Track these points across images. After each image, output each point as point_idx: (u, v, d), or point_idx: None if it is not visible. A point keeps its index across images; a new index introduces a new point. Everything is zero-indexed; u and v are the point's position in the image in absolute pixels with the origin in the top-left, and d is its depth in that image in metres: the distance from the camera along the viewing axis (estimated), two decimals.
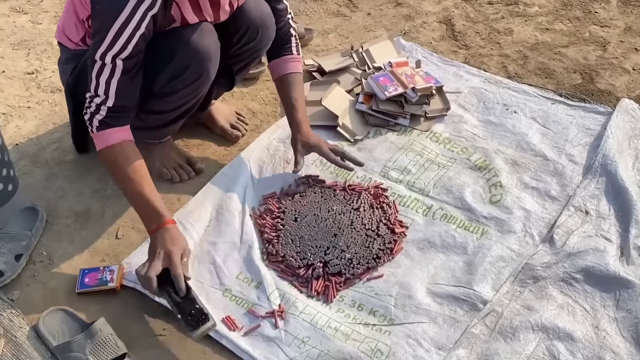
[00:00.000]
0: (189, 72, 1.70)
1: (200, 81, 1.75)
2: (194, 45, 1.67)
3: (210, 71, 1.75)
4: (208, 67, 1.73)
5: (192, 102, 1.81)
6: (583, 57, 2.51)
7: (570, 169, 2.01)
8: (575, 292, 1.68)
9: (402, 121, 2.17)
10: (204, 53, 1.69)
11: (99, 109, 1.62)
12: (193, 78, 1.72)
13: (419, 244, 1.81)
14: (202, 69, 1.72)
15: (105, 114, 1.62)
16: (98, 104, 1.61)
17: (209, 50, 1.71)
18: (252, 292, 1.69)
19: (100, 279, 1.69)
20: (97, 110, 1.62)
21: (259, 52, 1.95)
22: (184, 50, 1.66)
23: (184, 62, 1.68)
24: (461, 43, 2.60)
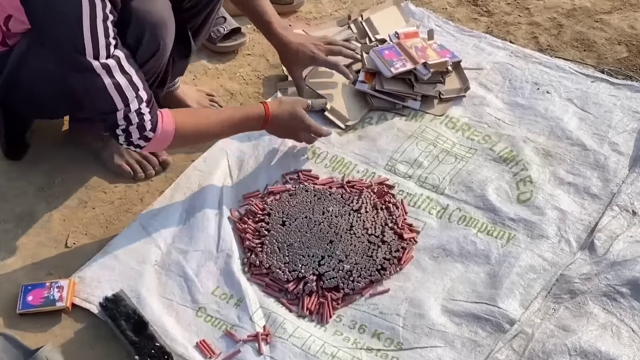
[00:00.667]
0: (144, 46, 1.70)
1: (159, 54, 1.76)
2: (143, 15, 1.67)
3: (167, 40, 1.77)
4: (164, 36, 1.74)
5: (151, 80, 1.81)
6: (630, 25, 2.51)
7: (614, 161, 2.02)
8: (620, 309, 1.68)
9: (411, 104, 2.17)
10: (156, 21, 1.70)
11: (141, 112, 1.64)
12: (149, 52, 1.73)
13: (432, 252, 1.82)
14: (158, 40, 1.73)
15: (149, 112, 1.65)
16: (137, 110, 1.63)
17: (162, 15, 1.72)
18: (231, 311, 1.69)
19: (46, 297, 1.68)
20: (142, 118, 1.64)
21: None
22: (133, 23, 1.67)
23: (136, 36, 1.68)
24: (483, 9, 2.60)
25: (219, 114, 1.85)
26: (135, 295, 1.70)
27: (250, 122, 1.87)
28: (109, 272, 1.75)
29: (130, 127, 1.64)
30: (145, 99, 1.64)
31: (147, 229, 1.84)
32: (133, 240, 1.82)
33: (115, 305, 1.64)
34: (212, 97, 2.20)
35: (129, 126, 1.64)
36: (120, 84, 1.59)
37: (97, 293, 1.70)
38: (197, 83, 2.29)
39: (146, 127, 1.65)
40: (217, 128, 1.83)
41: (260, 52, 2.40)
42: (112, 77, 1.58)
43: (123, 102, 1.61)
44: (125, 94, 1.61)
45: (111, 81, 1.58)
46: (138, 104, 1.63)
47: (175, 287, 1.74)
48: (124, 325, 1.61)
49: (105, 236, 1.85)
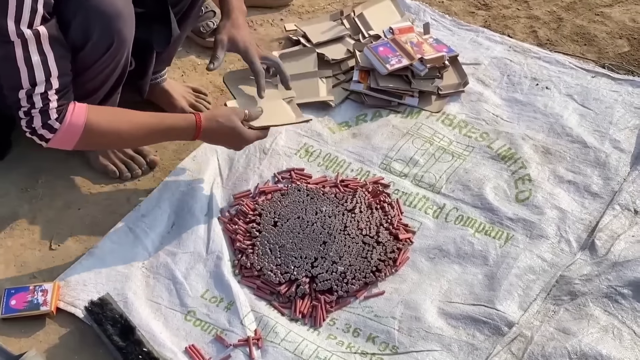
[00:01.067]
0: (94, 41, 1.66)
1: (114, 48, 1.70)
2: (93, 5, 1.62)
3: (124, 33, 1.70)
4: (119, 28, 1.68)
5: (116, 73, 1.78)
6: (631, 18, 2.52)
7: (616, 158, 2.02)
8: (622, 311, 1.68)
9: (409, 101, 2.17)
10: (108, 13, 1.64)
11: (47, 99, 1.60)
12: (102, 47, 1.68)
13: (428, 252, 1.82)
14: (112, 33, 1.67)
15: (57, 100, 1.61)
16: (43, 94, 1.59)
17: (115, 6, 1.65)
18: (221, 315, 1.69)
19: (30, 301, 1.67)
20: (47, 104, 1.60)
21: None
22: (81, 14, 1.61)
23: (85, 29, 1.63)
24: (480, 2, 2.60)
25: (144, 118, 1.76)
26: (122, 299, 1.69)
27: (177, 131, 1.77)
28: (95, 275, 1.75)
29: (32, 110, 1.60)
30: (56, 87, 1.60)
31: (135, 231, 1.84)
32: (120, 242, 1.82)
33: (101, 310, 1.64)
34: (198, 95, 2.19)
35: (31, 109, 1.60)
36: (31, 60, 1.55)
37: (83, 297, 1.69)
38: (186, 79, 2.28)
39: (50, 115, 1.61)
40: (139, 132, 1.73)
41: None
42: (26, 50, 1.54)
43: (30, 80, 1.57)
44: (34, 73, 1.56)
45: (22, 54, 1.54)
46: (46, 89, 1.58)
47: (164, 291, 1.73)
48: (110, 330, 1.60)
49: (90, 238, 1.84)
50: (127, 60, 1.79)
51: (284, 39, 2.42)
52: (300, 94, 2.14)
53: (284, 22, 2.47)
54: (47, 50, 1.57)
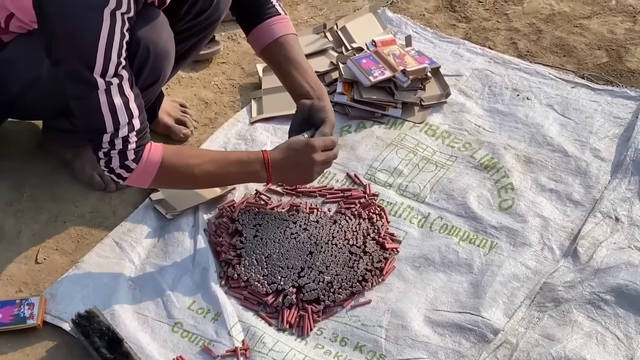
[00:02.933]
0: (144, 76, 1.71)
1: (157, 84, 1.78)
2: (149, 45, 1.68)
3: (167, 71, 1.79)
4: (165, 67, 1.76)
5: (147, 103, 1.82)
6: (609, 30, 2.56)
7: (596, 167, 2.05)
8: (605, 317, 1.71)
9: (393, 112, 2.19)
10: (160, 52, 1.71)
11: (127, 141, 1.62)
12: (148, 82, 1.75)
13: (414, 261, 1.83)
14: (160, 71, 1.75)
15: (136, 140, 1.64)
16: (125, 137, 1.61)
17: (166, 47, 1.73)
18: (208, 326, 1.69)
19: (16, 314, 1.67)
20: (126, 145, 1.62)
21: (214, 24, 1.95)
22: (140, 51, 1.67)
23: (139, 65, 1.68)
24: (461, 15, 2.63)
25: (213, 153, 1.81)
26: (109, 311, 1.69)
27: (248, 165, 1.76)
28: (82, 288, 1.75)
29: (112, 151, 1.63)
30: (137, 128, 1.63)
31: (121, 245, 1.84)
32: (106, 256, 1.82)
33: (88, 322, 1.63)
34: (184, 109, 2.19)
35: (111, 150, 1.62)
36: (115, 105, 1.58)
37: (70, 310, 1.69)
38: (171, 92, 2.29)
39: (128, 155, 1.63)
40: (210, 166, 1.74)
41: (235, 60, 2.41)
42: (110, 96, 1.57)
43: (114, 125, 1.59)
44: (118, 117, 1.59)
45: (107, 100, 1.57)
46: (128, 131, 1.61)
47: (150, 303, 1.73)
48: (97, 342, 1.60)
49: (77, 251, 1.84)
50: (157, 94, 1.87)
51: None
52: (285, 106, 2.16)
53: None
54: (128, 92, 1.60)
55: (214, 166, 1.75)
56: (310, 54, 2.36)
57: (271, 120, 2.17)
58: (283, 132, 2.13)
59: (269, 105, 2.21)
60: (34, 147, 2.07)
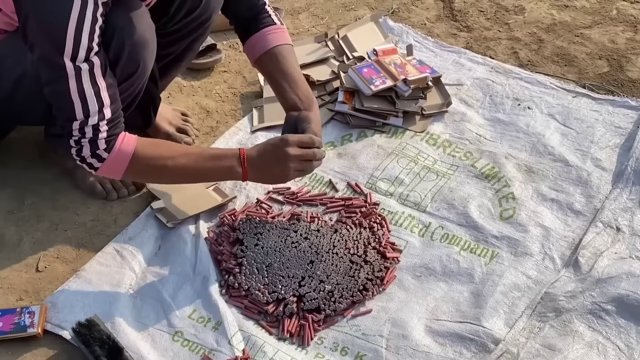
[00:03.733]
0: (121, 65, 1.70)
1: (137, 75, 1.76)
2: (126, 31, 1.67)
3: (147, 62, 1.77)
4: (144, 56, 1.75)
5: (129, 99, 1.82)
6: (610, 39, 2.57)
7: (598, 177, 2.05)
8: (606, 327, 1.70)
9: (394, 121, 2.19)
10: (137, 41, 1.70)
11: (98, 129, 1.63)
12: (127, 72, 1.74)
13: (415, 271, 1.83)
14: (138, 60, 1.73)
15: (107, 129, 1.65)
16: (95, 125, 1.62)
17: (144, 35, 1.72)
18: (209, 335, 1.69)
19: (17, 323, 1.67)
20: (97, 134, 1.63)
21: (205, 24, 1.95)
22: (115, 39, 1.66)
23: (116, 53, 1.68)
24: (462, 24, 2.64)
25: (189, 147, 1.80)
26: (109, 320, 1.69)
27: (223, 159, 1.77)
28: (82, 297, 1.75)
29: (82, 140, 1.63)
30: (108, 117, 1.63)
31: (122, 253, 1.84)
32: (107, 264, 1.82)
33: (89, 331, 1.63)
34: (185, 117, 2.20)
35: (81, 139, 1.63)
36: (85, 92, 1.59)
37: (70, 318, 1.69)
38: (172, 101, 2.30)
39: (99, 145, 1.64)
40: (184, 159, 1.74)
41: (236, 69, 2.42)
42: (80, 82, 1.58)
43: (84, 112, 1.60)
44: (88, 105, 1.60)
45: (76, 87, 1.58)
46: (98, 119, 1.62)
47: (151, 311, 1.73)
48: (98, 351, 1.60)
49: (77, 259, 1.84)
50: (143, 87, 1.84)
51: None
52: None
53: None
54: (99, 80, 1.61)
55: (188, 160, 1.75)
56: (311, 62, 2.37)
57: (272, 129, 2.18)
58: None
59: (270, 114, 2.21)
60: (36, 155, 2.07)
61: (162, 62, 1.99)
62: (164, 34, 1.90)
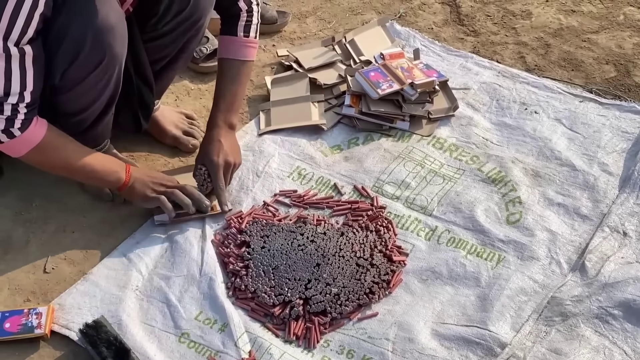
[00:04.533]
0: (85, 52, 1.68)
1: (106, 63, 1.73)
2: (86, 17, 1.65)
3: (115, 47, 1.73)
4: (110, 42, 1.70)
5: (108, 92, 1.82)
6: (617, 44, 2.57)
7: (604, 181, 2.05)
8: (613, 332, 1.70)
9: (401, 125, 2.20)
10: (101, 25, 1.66)
11: (16, 110, 1.65)
12: (94, 61, 1.71)
13: (421, 274, 1.83)
14: (103, 47, 1.70)
15: (25, 112, 1.66)
16: (14, 105, 1.64)
17: (108, 20, 1.68)
18: (215, 337, 1.69)
19: (24, 324, 1.67)
20: (15, 113, 1.65)
21: (197, 24, 1.95)
22: (75, 26, 1.65)
23: (77, 41, 1.66)
24: (469, 28, 2.64)
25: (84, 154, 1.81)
26: (116, 321, 1.70)
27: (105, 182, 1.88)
28: (90, 298, 1.76)
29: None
30: (27, 101, 1.66)
31: (129, 256, 1.85)
32: (114, 267, 1.83)
33: (95, 332, 1.64)
34: (191, 121, 2.21)
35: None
36: (11, 72, 1.61)
37: (77, 319, 1.70)
38: (180, 104, 2.30)
39: (15, 124, 1.67)
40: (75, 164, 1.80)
41: None
42: (8, 63, 1.59)
43: (4, 89, 1.62)
44: (11, 84, 1.62)
45: (3, 66, 1.59)
46: (18, 100, 1.64)
47: (157, 313, 1.74)
48: (105, 352, 1.60)
49: (85, 261, 1.85)
50: (118, 78, 1.82)
51: (277, 64, 2.45)
52: (293, 118, 2.18)
53: (276, 48, 2.50)
54: (29, 67, 1.63)
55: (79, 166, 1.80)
56: (318, 66, 2.37)
57: (279, 132, 2.18)
58: (291, 144, 2.14)
59: (277, 117, 2.22)
60: None
61: (158, 65, 2.00)
62: (156, 35, 1.92)
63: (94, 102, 1.82)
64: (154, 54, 1.96)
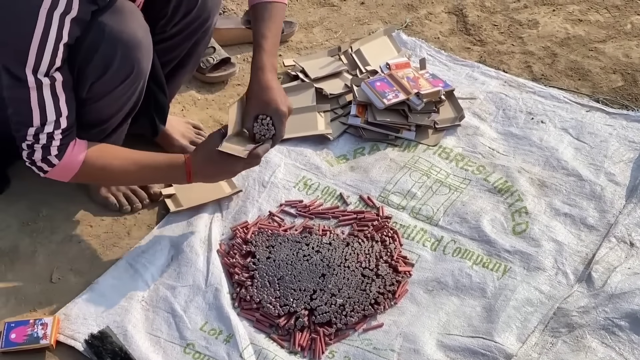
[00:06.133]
0: (114, 68, 1.70)
1: (133, 77, 1.75)
2: (115, 34, 1.66)
3: (142, 62, 1.75)
4: (138, 57, 1.73)
5: (131, 103, 1.83)
6: (624, 54, 2.56)
7: (611, 191, 2.04)
8: (619, 343, 1.69)
9: (406, 134, 2.19)
10: (129, 42, 1.69)
11: (52, 137, 1.67)
12: (122, 75, 1.73)
13: (427, 285, 1.83)
14: (132, 62, 1.72)
15: (61, 139, 1.68)
16: (50, 133, 1.66)
17: (136, 35, 1.70)
18: (220, 348, 1.69)
19: (30, 334, 1.68)
20: (50, 141, 1.67)
21: (205, 26, 1.95)
22: (105, 43, 1.66)
23: (107, 57, 1.68)
24: (475, 38, 2.64)
25: (136, 155, 1.81)
26: (121, 332, 1.70)
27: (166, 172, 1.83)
28: (95, 308, 1.76)
29: (35, 145, 1.67)
30: (63, 127, 1.67)
31: (135, 266, 1.85)
32: (120, 277, 1.83)
33: (101, 343, 1.64)
34: (198, 131, 2.21)
35: (34, 144, 1.67)
36: (44, 101, 1.62)
37: (83, 330, 1.70)
38: (186, 114, 2.31)
39: (51, 151, 1.68)
40: (130, 167, 1.79)
41: None
42: (41, 93, 1.61)
43: (41, 120, 1.64)
44: (46, 114, 1.63)
45: (37, 96, 1.61)
46: (54, 128, 1.65)
47: (163, 324, 1.74)
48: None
49: (91, 271, 1.85)
50: (142, 91, 1.84)
51: (283, 74, 2.45)
52: (299, 128, 2.18)
53: (283, 58, 2.50)
54: (60, 92, 1.64)
55: (134, 169, 1.79)
56: (324, 76, 2.37)
57: (285, 142, 2.18)
58: (297, 153, 2.14)
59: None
60: None
61: (166, 68, 2.00)
62: (164, 38, 1.92)
63: (116, 114, 1.84)
64: (163, 57, 1.96)
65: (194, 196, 1.99)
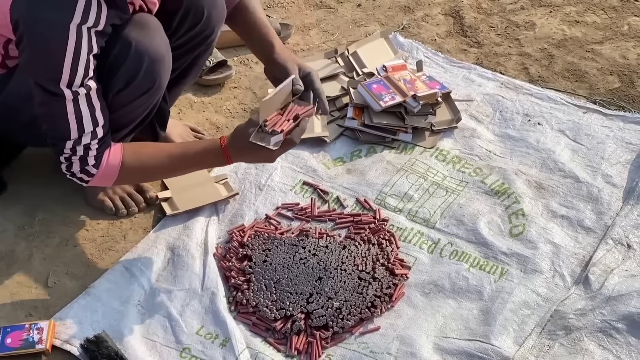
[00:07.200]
0: (138, 81, 1.72)
1: (153, 90, 1.78)
2: (142, 49, 1.69)
3: (163, 77, 1.79)
4: (160, 72, 1.76)
5: (143, 116, 1.85)
6: (621, 55, 2.55)
7: (608, 193, 2.04)
8: (617, 346, 1.69)
9: (403, 137, 2.19)
10: (154, 57, 1.72)
11: (89, 148, 1.67)
12: (143, 88, 1.76)
13: (423, 288, 1.82)
14: (154, 76, 1.75)
15: (97, 148, 1.69)
16: (87, 144, 1.66)
17: (160, 51, 1.74)
18: (216, 352, 1.68)
19: (25, 339, 1.67)
20: (87, 152, 1.68)
21: (208, 39, 1.96)
22: (130, 57, 1.68)
23: (131, 71, 1.70)
24: (472, 40, 2.64)
25: (170, 149, 1.81)
26: (117, 336, 1.69)
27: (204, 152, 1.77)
28: (91, 313, 1.75)
29: (73, 157, 1.68)
30: (99, 136, 1.67)
31: (131, 270, 1.84)
32: (116, 281, 1.83)
33: (97, 347, 1.64)
34: (196, 134, 2.21)
35: (72, 156, 1.68)
36: (82, 114, 1.62)
37: (79, 335, 1.69)
38: (183, 117, 2.30)
39: (89, 161, 1.69)
40: (168, 162, 1.78)
41: (246, 85, 2.42)
42: (77, 105, 1.61)
43: (78, 132, 1.64)
44: (83, 125, 1.64)
45: (74, 109, 1.61)
46: (90, 139, 1.66)
47: (159, 328, 1.73)
48: None
49: (87, 275, 1.84)
50: (157, 104, 1.86)
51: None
52: None
53: None
54: (95, 101, 1.65)
55: (172, 162, 1.78)
56: (321, 78, 2.35)
57: None
58: (293, 156, 2.14)
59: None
60: (49, 171, 2.07)
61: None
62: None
63: (129, 124, 1.85)
64: None
65: (190, 199, 1.99)
